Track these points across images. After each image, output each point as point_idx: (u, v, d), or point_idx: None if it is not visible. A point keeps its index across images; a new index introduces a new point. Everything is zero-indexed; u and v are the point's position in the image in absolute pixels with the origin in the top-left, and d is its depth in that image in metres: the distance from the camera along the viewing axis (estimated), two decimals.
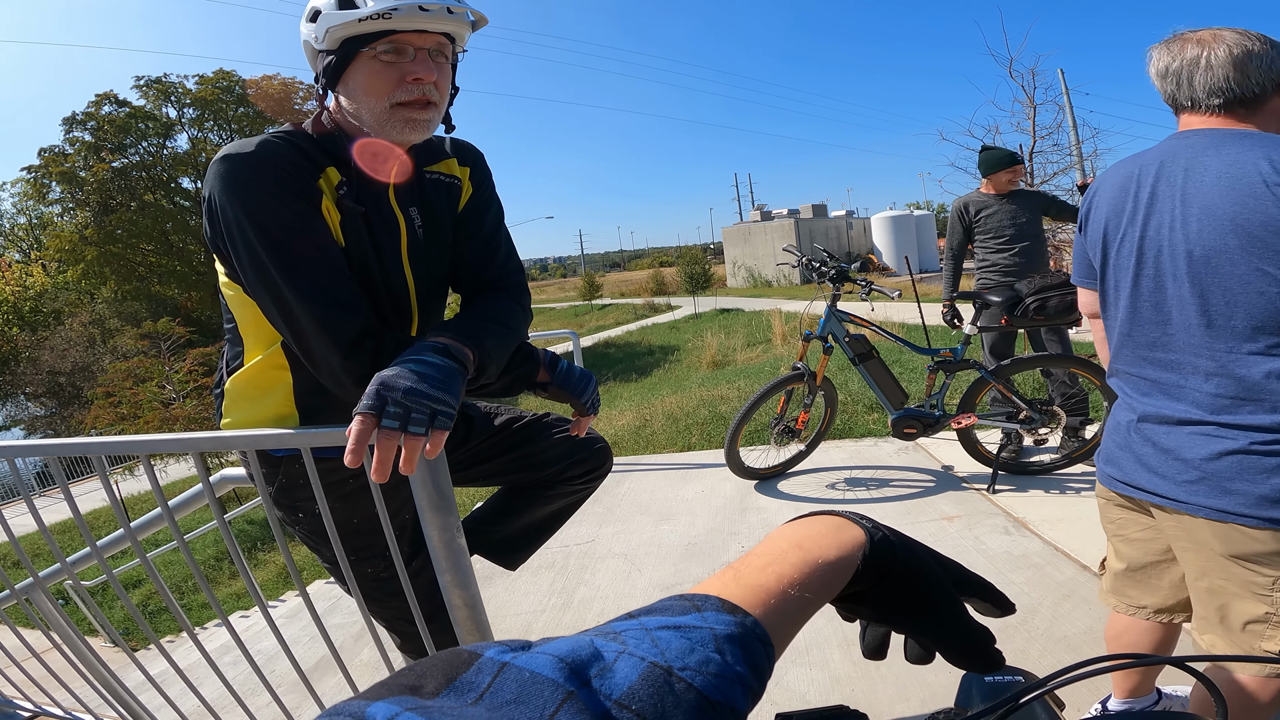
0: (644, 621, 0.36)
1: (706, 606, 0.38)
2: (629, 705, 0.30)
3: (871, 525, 0.48)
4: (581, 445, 1.55)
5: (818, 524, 0.48)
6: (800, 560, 0.44)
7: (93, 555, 1.71)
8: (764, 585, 0.41)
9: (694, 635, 0.35)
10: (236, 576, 8.05)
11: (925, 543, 0.50)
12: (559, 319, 32.29)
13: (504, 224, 1.38)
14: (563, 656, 0.32)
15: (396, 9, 1.02)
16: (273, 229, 1.04)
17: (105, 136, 24.13)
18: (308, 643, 2.84)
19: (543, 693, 0.29)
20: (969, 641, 0.48)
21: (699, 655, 0.34)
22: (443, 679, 0.30)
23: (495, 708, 0.29)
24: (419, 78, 1.08)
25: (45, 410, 21.25)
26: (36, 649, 1.92)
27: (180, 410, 11.82)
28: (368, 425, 0.91)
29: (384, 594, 1.40)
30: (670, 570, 2.99)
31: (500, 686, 0.30)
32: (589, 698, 0.30)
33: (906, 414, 3.56)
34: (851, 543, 0.46)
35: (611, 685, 0.31)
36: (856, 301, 3.70)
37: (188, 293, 24.82)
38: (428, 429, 0.94)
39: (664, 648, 0.34)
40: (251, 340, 1.21)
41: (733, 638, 0.36)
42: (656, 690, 0.31)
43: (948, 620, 0.48)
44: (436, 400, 0.96)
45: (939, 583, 0.48)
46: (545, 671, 0.31)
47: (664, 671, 0.32)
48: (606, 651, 0.33)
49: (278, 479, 1.28)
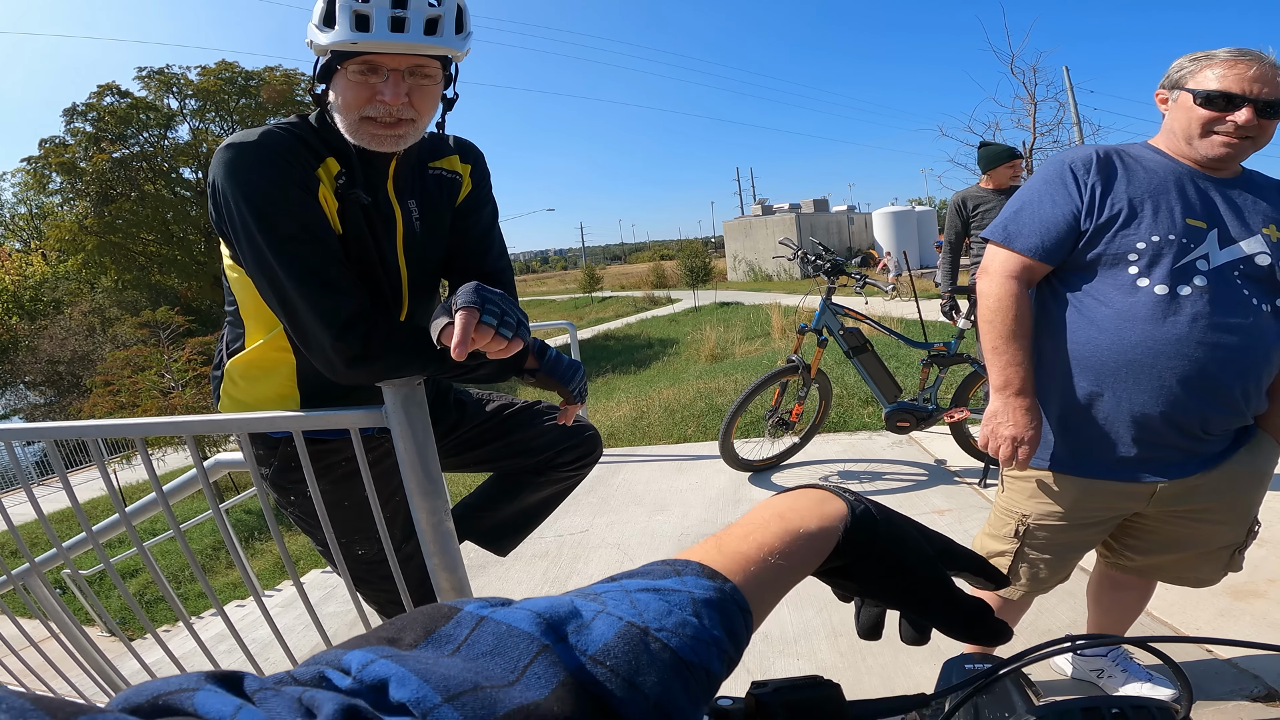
0: (624, 584, 0.37)
1: (687, 571, 0.38)
2: (603, 661, 0.31)
3: (854, 498, 0.48)
4: (572, 433, 1.57)
5: (801, 496, 0.48)
6: (781, 530, 0.44)
7: (88, 542, 1.73)
8: (745, 553, 0.42)
9: (672, 598, 0.35)
10: (232, 566, 8.08)
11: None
12: (559, 311, 32.27)
13: (498, 224, 1.41)
14: (540, 612, 0.32)
15: (360, 38, 1.04)
16: (270, 214, 1.08)
17: (106, 127, 24.08)
18: (302, 631, 2.87)
19: (518, 645, 0.30)
20: (960, 612, 0.48)
21: (676, 617, 0.34)
22: (421, 631, 0.31)
23: (471, 659, 0.29)
24: (384, 99, 1.10)
25: (44, 399, 21.27)
26: (33, 638, 1.94)
27: (179, 399, 11.84)
28: (472, 317, 0.98)
29: (376, 578, 1.43)
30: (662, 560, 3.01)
31: (477, 639, 0.30)
32: (564, 652, 0.30)
33: (900, 407, 3.58)
34: (834, 514, 0.46)
35: (587, 641, 0.31)
36: (852, 295, 3.72)
37: (188, 282, 24.82)
38: (514, 333, 1.03)
39: (642, 609, 0.34)
40: (253, 323, 1.25)
41: (711, 602, 0.36)
42: (632, 648, 0.31)
43: (934, 591, 0.47)
44: (521, 314, 1.06)
45: (921, 554, 0.48)
46: (522, 625, 0.31)
47: (640, 631, 0.32)
48: (585, 610, 0.33)
49: (273, 461, 1.30)
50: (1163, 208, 1.31)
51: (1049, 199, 1.38)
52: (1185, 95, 1.34)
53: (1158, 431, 1.32)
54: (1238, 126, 1.28)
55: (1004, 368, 1.37)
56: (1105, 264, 1.34)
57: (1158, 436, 1.33)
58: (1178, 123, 1.36)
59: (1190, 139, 1.34)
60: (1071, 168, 1.38)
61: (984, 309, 1.41)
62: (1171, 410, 1.29)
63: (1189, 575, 1.56)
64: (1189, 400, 1.29)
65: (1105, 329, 1.31)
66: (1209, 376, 1.27)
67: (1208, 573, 1.55)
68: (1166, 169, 1.36)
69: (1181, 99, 1.35)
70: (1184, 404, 1.29)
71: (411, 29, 1.05)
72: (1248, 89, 1.28)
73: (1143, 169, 1.37)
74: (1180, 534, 1.47)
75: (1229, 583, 2.27)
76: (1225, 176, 1.38)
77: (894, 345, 6.00)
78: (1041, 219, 1.37)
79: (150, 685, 0.25)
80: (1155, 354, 1.27)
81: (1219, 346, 1.26)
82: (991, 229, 1.45)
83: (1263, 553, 2.47)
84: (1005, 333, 1.37)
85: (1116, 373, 1.31)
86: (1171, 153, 1.40)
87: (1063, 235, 1.36)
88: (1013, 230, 1.40)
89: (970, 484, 3.46)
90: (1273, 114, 1.30)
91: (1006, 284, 1.39)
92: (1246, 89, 1.27)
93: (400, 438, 1.15)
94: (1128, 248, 1.31)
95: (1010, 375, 1.37)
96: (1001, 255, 1.41)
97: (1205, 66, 1.33)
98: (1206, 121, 1.31)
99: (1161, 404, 1.29)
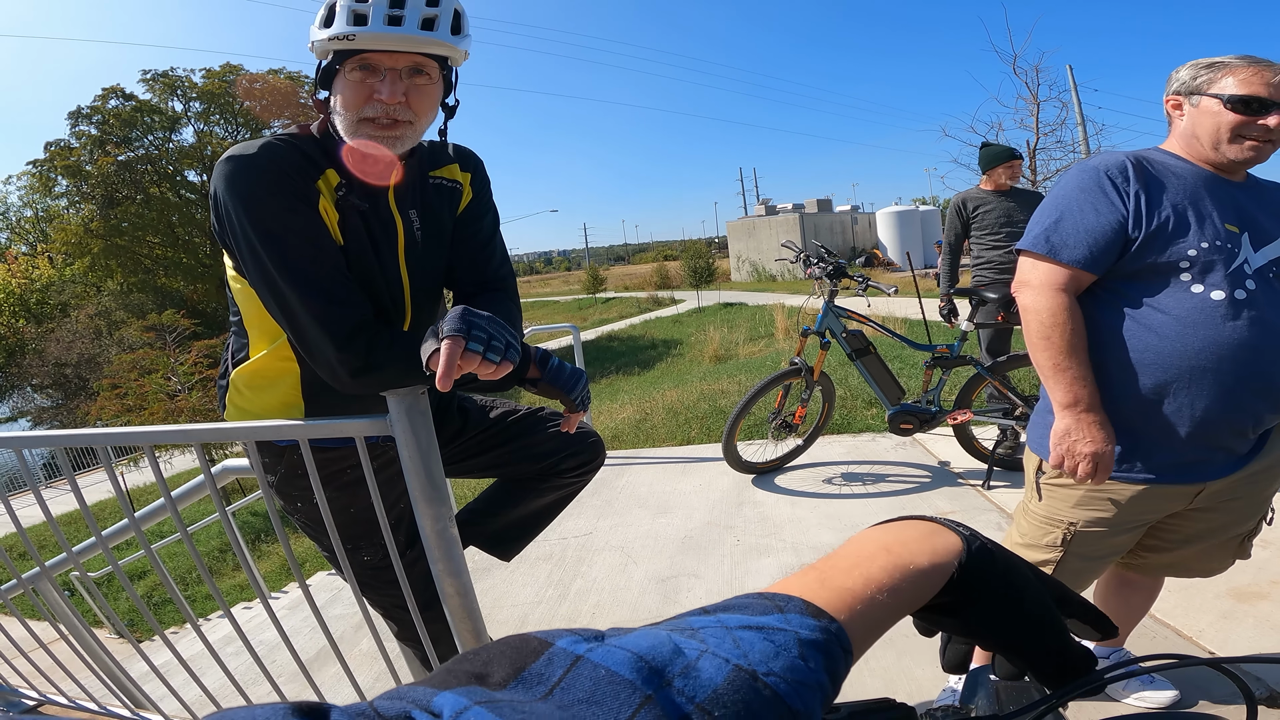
0: (723, 619, 0.34)
1: (790, 608, 0.36)
2: (712, 711, 0.28)
3: (970, 533, 0.45)
4: (575, 439, 1.58)
5: (909, 528, 0.45)
6: (889, 564, 0.41)
7: (96, 546, 1.75)
8: (850, 589, 0.39)
9: (777, 638, 0.33)
10: (239, 568, 8.11)
11: None
12: (562, 312, 32.31)
13: (499, 231, 1.43)
14: (642, 654, 0.30)
15: (356, 32, 1.06)
16: (271, 226, 1.09)
17: (111, 130, 24.20)
18: (309, 633, 2.88)
19: (619, 694, 0.28)
20: (1068, 663, 0.44)
21: (784, 660, 0.32)
22: (510, 669, 0.29)
23: (566, 705, 0.27)
24: (380, 98, 1.12)
25: (51, 402, 21.36)
26: (41, 640, 1.96)
27: (185, 401, 11.89)
28: (457, 345, 1.00)
29: (381, 583, 1.44)
30: (665, 563, 3.03)
31: (572, 682, 0.28)
32: (668, 701, 0.28)
33: (903, 409, 3.58)
34: (946, 550, 0.43)
35: (695, 687, 0.29)
36: (854, 297, 3.73)
37: (193, 285, 24.90)
38: (501, 358, 1.04)
39: (746, 649, 0.32)
40: (257, 333, 1.26)
41: (816, 644, 0.34)
42: (742, 695, 0.29)
43: (1050, 639, 0.44)
44: (511, 335, 1.07)
45: (1041, 599, 0.45)
46: (622, 671, 0.29)
47: (749, 675, 0.30)
48: (688, 650, 0.31)
49: (279, 469, 1.32)
50: (1203, 213, 1.32)
51: (1091, 208, 1.36)
52: (1210, 101, 1.35)
53: (1214, 433, 1.33)
54: (1269, 130, 1.30)
55: (1070, 384, 1.35)
56: (1157, 271, 1.33)
57: (1213, 439, 1.34)
58: (1202, 128, 1.36)
59: (1219, 144, 1.34)
60: (1109, 175, 1.37)
61: (1037, 325, 1.38)
62: (1231, 411, 1.31)
63: (1200, 567, 1.59)
64: (1248, 401, 1.30)
65: (1167, 335, 1.31)
66: (1267, 377, 1.29)
67: (1218, 562, 1.58)
68: (1193, 175, 1.37)
69: (1206, 104, 1.36)
70: (1243, 405, 1.30)
71: (407, 25, 1.07)
72: (1275, 94, 1.30)
73: (1173, 175, 1.37)
74: (1200, 529, 1.49)
75: (1233, 585, 2.28)
76: (1237, 180, 1.40)
77: (897, 347, 6.01)
78: (1087, 228, 1.36)
79: (232, 714, 0.24)
80: (1219, 358, 1.28)
81: (1274, 347, 1.29)
82: (1031, 241, 1.42)
83: (1267, 554, 2.47)
84: (1065, 348, 1.35)
85: (1181, 377, 1.31)
86: (1191, 158, 1.41)
87: (1111, 244, 1.34)
88: (1056, 241, 1.38)
89: (974, 486, 3.46)
90: None
91: (1057, 297, 1.37)
92: (1274, 94, 1.30)
93: (404, 445, 1.16)
94: (1180, 255, 1.31)
95: (1079, 391, 1.35)
96: (1045, 268, 1.39)
97: (1225, 73, 1.34)
98: (1237, 125, 1.32)
99: (1222, 406, 1.30)
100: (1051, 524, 1.49)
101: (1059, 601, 0.46)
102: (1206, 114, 1.36)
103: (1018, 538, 1.58)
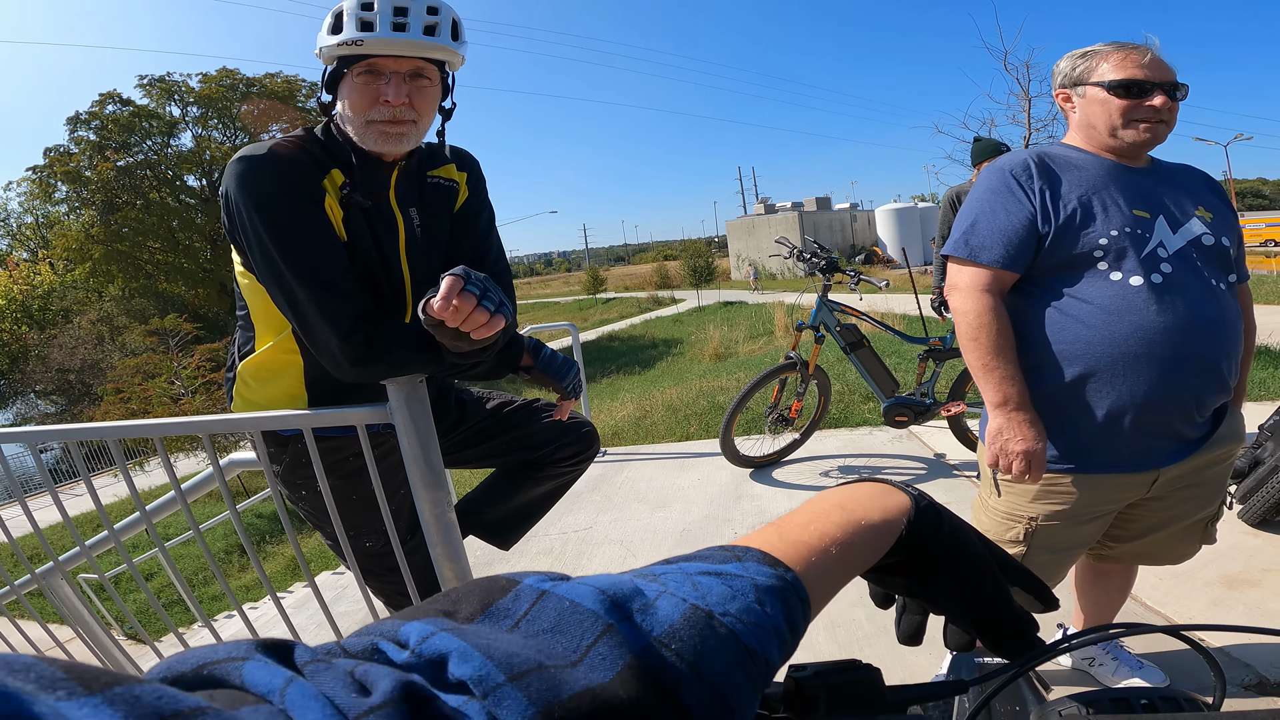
0: (683, 566, 0.36)
1: (748, 558, 0.37)
2: (669, 644, 0.29)
3: (918, 493, 0.47)
4: (570, 429, 1.63)
5: (862, 488, 0.47)
6: (843, 520, 0.42)
7: (109, 541, 1.79)
8: (806, 542, 0.40)
9: (735, 583, 0.34)
10: (244, 569, 8.17)
11: None
12: (563, 313, 32.34)
13: (494, 228, 1.48)
14: (604, 589, 0.31)
15: (364, 38, 1.13)
16: (279, 223, 1.16)
17: (110, 135, 24.29)
18: (314, 630, 2.93)
19: (582, 623, 0.29)
20: (1013, 626, 0.46)
21: (740, 603, 0.33)
22: (478, 604, 0.30)
23: (532, 635, 0.28)
24: (387, 100, 1.18)
25: (55, 407, 21.45)
26: (48, 641, 2.00)
27: (189, 405, 11.96)
28: (457, 283, 1.03)
29: (383, 569, 1.49)
30: (665, 556, 3.02)
31: (538, 614, 0.29)
32: (629, 632, 0.29)
33: (897, 402, 3.62)
34: (896, 507, 0.45)
35: (653, 622, 0.30)
36: (848, 292, 3.77)
37: (194, 289, 25.00)
38: (495, 310, 1.07)
39: (705, 591, 0.33)
40: (262, 327, 1.32)
41: (773, 590, 0.35)
42: (698, 631, 0.30)
43: (992, 601, 0.46)
44: (504, 297, 1.11)
45: (984, 561, 0.47)
46: (585, 602, 0.30)
47: (705, 614, 0.31)
48: (648, 590, 0.32)
49: (284, 458, 1.37)
50: (1109, 202, 1.35)
51: (1002, 208, 1.39)
52: (1095, 90, 1.38)
53: (1159, 418, 1.34)
54: (1155, 110, 1.34)
55: (1000, 384, 1.37)
56: (1075, 263, 1.35)
57: (1159, 423, 1.35)
58: (1096, 117, 1.40)
59: (1113, 130, 1.37)
60: (1014, 175, 1.40)
61: (965, 326, 1.41)
62: (1170, 395, 1.32)
63: (1168, 554, 1.60)
64: (1185, 382, 1.32)
65: (1093, 325, 1.33)
66: (1199, 356, 1.31)
67: (1185, 549, 1.59)
68: (1095, 165, 1.40)
69: (1092, 94, 1.39)
70: (1181, 387, 1.32)
71: (412, 30, 1.14)
72: (1152, 74, 1.34)
73: (1075, 168, 1.40)
74: (1162, 517, 1.51)
75: (1224, 572, 2.32)
76: (1141, 166, 1.43)
77: (892, 342, 6.04)
78: (1000, 229, 1.38)
79: (196, 653, 0.24)
80: (1149, 343, 1.30)
81: (1202, 326, 1.30)
82: (952, 246, 1.45)
83: (1258, 542, 2.50)
84: (993, 348, 1.37)
85: (1113, 366, 1.32)
86: (1091, 148, 1.43)
87: (1025, 240, 1.37)
88: (975, 244, 1.41)
89: (969, 477, 3.50)
90: (1177, 95, 1.36)
91: (982, 298, 1.39)
92: (1151, 74, 1.33)
93: (404, 432, 1.21)
94: (1092, 245, 1.33)
95: (1008, 390, 1.37)
96: (968, 271, 1.42)
97: (1100, 60, 1.38)
98: (1125, 110, 1.35)
99: (1160, 390, 1.32)
100: (1012, 519, 1.50)
101: (1003, 568, 0.48)
102: (1095, 103, 1.39)
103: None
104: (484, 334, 1.08)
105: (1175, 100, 1.36)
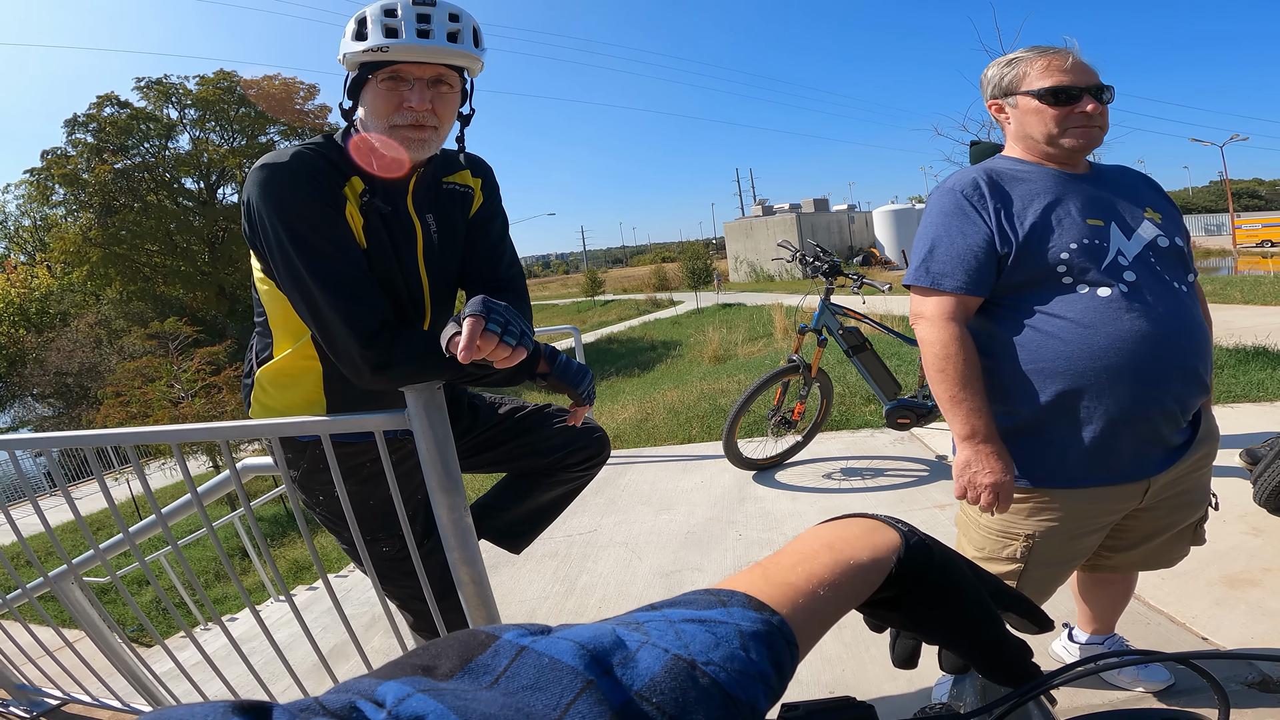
0: (668, 614, 0.35)
1: (733, 602, 0.37)
2: (650, 698, 0.29)
3: (908, 529, 0.47)
4: (581, 434, 1.64)
5: (851, 525, 0.46)
6: (831, 561, 0.42)
7: (123, 544, 1.81)
8: (793, 584, 0.40)
9: (719, 630, 0.34)
10: (245, 572, 8.16)
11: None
12: (562, 315, 32.38)
13: (508, 234, 1.50)
14: (584, 643, 0.31)
15: (390, 44, 1.15)
16: (301, 230, 1.17)
17: (107, 138, 24.25)
18: (319, 632, 2.92)
19: (561, 680, 0.28)
20: (1006, 656, 0.46)
21: (724, 651, 0.33)
22: (457, 660, 0.30)
23: (511, 693, 0.28)
24: (410, 106, 1.20)
25: (53, 411, 21.39)
26: (56, 643, 2.01)
27: (189, 408, 11.95)
28: (478, 324, 1.07)
29: (399, 573, 1.50)
30: (669, 558, 3.08)
31: (517, 671, 0.29)
32: (609, 687, 0.29)
33: (899, 404, 3.64)
34: (885, 545, 0.45)
35: (633, 675, 0.30)
36: (850, 295, 3.79)
37: (193, 292, 24.94)
38: (517, 343, 1.10)
39: (688, 640, 0.33)
40: (281, 333, 1.33)
41: (758, 635, 0.35)
42: (679, 683, 0.30)
43: (984, 632, 0.46)
44: (525, 325, 1.13)
45: (975, 593, 0.47)
46: (565, 658, 0.30)
47: (688, 665, 0.31)
48: (629, 641, 0.32)
49: (302, 464, 1.38)
50: (1062, 215, 1.34)
51: (959, 232, 1.37)
52: (1026, 99, 1.38)
53: (1146, 425, 1.33)
54: (1088, 116, 1.34)
55: (967, 416, 1.35)
56: (1040, 280, 1.34)
57: (1146, 431, 1.34)
58: (1032, 126, 1.39)
59: (1050, 138, 1.37)
60: (966, 196, 1.38)
61: (931, 358, 1.38)
62: (1155, 401, 1.31)
63: (1161, 560, 1.60)
64: (1168, 387, 1.31)
65: (1069, 339, 1.31)
66: (1176, 361, 1.30)
67: (1177, 552, 1.60)
68: (1041, 177, 1.39)
69: (1024, 103, 1.39)
70: (1164, 392, 1.31)
71: (435, 37, 1.17)
72: (1077, 79, 1.34)
73: (1022, 183, 1.39)
74: (1155, 525, 1.51)
75: (1226, 572, 2.34)
76: (1083, 172, 1.42)
77: (894, 344, 6.07)
78: (958, 254, 1.36)
79: (173, 713, 0.24)
80: (1127, 352, 1.28)
81: (1174, 330, 1.30)
82: (913, 275, 1.42)
83: (1259, 542, 2.52)
84: (960, 379, 1.35)
85: (1097, 379, 1.31)
86: (1033, 158, 1.43)
87: (985, 264, 1.35)
88: (936, 271, 1.38)
89: None
90: (1106, 97, 1.36)
91: (948, 328, 1.36)
92: (1076, 79, 1.33)
93: (422, 438, 1.22)
94: (1055, 260, 1.32)
95: (975, 423, 1.35)
96: (932, 300, 1.39)
97: (1025, 68, 1.38)
98: (1059, 117, 1.35)
99: (1145, 397, 1.31)
100: (1008, 537, 1.46)
101: (995, 595, 0.48)
102: (1029, 112, 1.39)
103: (973, 551, 1.53)
104: (506, 365, 1.11)
105: (1103, 103, 1.35)
